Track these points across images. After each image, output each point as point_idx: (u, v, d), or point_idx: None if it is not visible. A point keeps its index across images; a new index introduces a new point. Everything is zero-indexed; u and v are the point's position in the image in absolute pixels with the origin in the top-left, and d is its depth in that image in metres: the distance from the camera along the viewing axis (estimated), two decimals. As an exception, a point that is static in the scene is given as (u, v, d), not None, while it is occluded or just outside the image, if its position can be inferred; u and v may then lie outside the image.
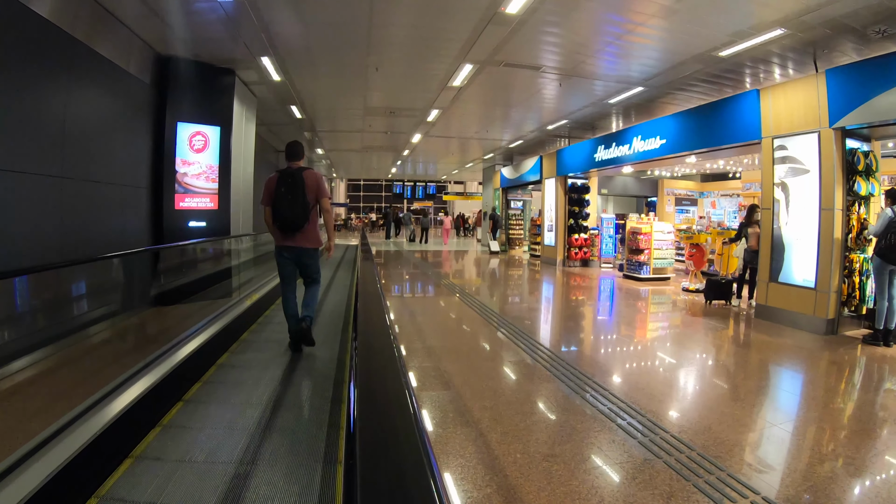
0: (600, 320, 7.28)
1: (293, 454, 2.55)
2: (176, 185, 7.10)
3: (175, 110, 7.17)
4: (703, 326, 6.93)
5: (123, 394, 2.71)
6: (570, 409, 3.48)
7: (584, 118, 11.50)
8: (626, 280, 11.21)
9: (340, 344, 4.51)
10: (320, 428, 2.82)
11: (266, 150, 15.21)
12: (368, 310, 2.45)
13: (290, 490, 2.24)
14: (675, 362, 4.95)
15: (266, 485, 2.29)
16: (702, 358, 5.23)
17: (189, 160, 7.21)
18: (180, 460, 2.49)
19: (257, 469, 2.41)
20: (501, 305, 8.17)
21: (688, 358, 5.17)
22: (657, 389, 3.94)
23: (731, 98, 8.24)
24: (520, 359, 4.71)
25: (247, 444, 2.64)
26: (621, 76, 8.44)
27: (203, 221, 7.29)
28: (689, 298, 9.15)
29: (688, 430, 3.17)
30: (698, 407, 3.75)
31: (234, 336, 4.63)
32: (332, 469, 2.40)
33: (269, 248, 10.42)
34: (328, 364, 3.95)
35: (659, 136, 9.72)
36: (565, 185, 13.52)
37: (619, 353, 5.23)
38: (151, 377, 2.97)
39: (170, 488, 2.24)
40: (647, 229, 11.11)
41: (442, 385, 3.89)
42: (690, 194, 21.42)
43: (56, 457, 2.10)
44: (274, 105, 10.13)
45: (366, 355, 1.68)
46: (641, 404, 3.55)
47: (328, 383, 3.49)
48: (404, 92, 9.23)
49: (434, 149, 16.91)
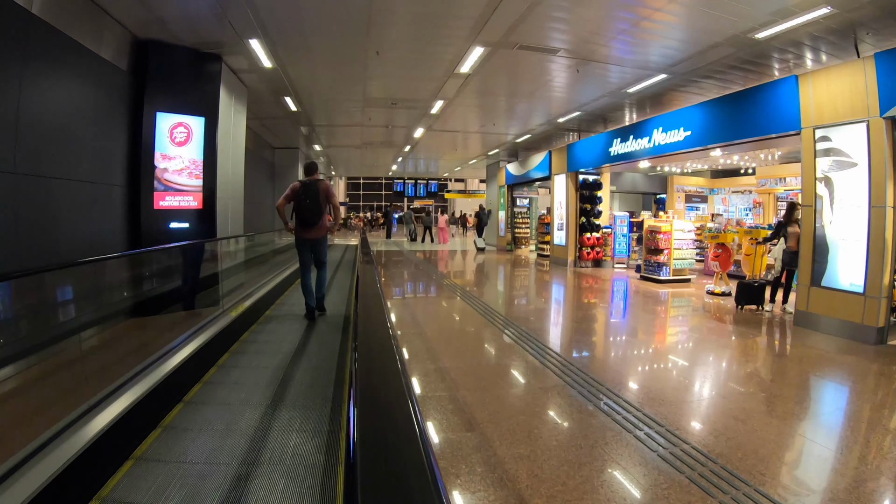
0: (625, 328, 6.58)
1: (315, 371, 4.06)
2: (155, 182, 6.39)
3: (154, 99, 6.45)
4: (734, 333, 6.33)
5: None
6: (602, 432, 2.79)
7: (597, 110, 10.79)
8: (643, 282, 10.52)
9: (344, 319, 6.00)
10: (332, 357, 4.42)
11: (261, 146, 14.49)
12: (370, 331, 2.14)
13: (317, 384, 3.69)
14: (712, 375, 4.43)
15: (298, 384, 3.70)
16: (735, 368, 4.75)
17: (170, 154, 6.50)
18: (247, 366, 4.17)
19: (296, 370, 4.04)
20: (520, 313, 7.46)
21: (721, 369, 4.70)
22: (705, 412, 3.25)
23: (766, 86, 7.54)
24: (559, 390, 4.01)
25: (287, 361, 4.29)
26: (643, 61, 7.74)
27: (186, 222, 6.58)
28: (714, 302, 8.49)
29: (732, 459, 2.48)
30: (734, 423, 3.27)
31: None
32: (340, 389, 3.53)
33: (263, 251, 9.83)
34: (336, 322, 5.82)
35: (682, 127, 9.00)
36: (576, 182, 12.81)
37: (658, 369, 4.54)
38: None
39: (245, 378, 3.83)
40: (667, 228, 10.42)
41: (464, 426, 3.20)
42: (700, 191, 20.82)
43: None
44: (266, 96, 9.40)
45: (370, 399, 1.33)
46: (688, 432, 2.86)
47: (337, 333, 5.32)
48: (407, 80, 8.51)
49: (437, 144, 16.18)
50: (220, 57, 7.13)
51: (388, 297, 8.33)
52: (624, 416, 3.30)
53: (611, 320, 7.13)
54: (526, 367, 4.44)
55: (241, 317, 5.15)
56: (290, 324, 5.72)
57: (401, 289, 9.80)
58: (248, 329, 5.50)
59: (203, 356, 4.03)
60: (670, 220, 10.60)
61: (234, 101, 7.97)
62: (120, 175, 6.19)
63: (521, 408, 3.49)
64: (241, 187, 8.25)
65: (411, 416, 1.07)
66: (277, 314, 6.42)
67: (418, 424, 1.03)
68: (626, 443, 2.93)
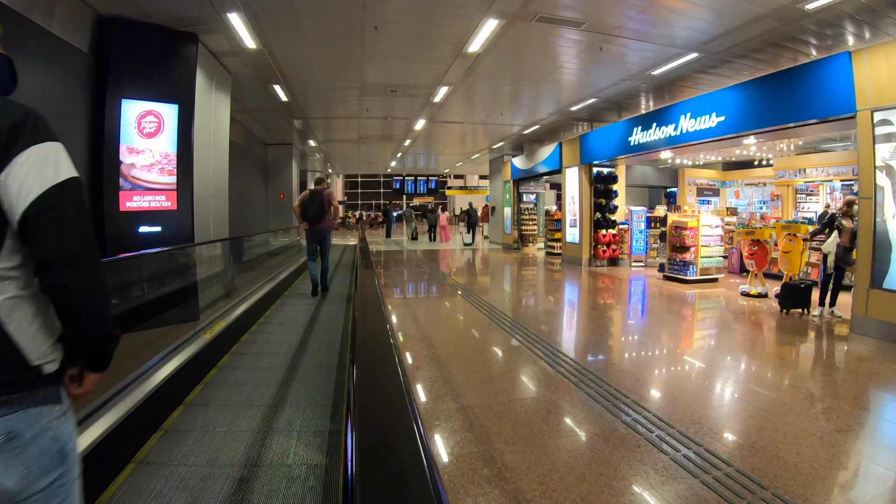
0: (662, 339, 5.71)
1: (329, 327, 5.68)
2: (120, 179, 5.52)
3: (119, 84, 5.57)
4: (784, 342, 5.62)
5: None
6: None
7: (614, 96, 9.91)
8: (668, 282, 9.67)
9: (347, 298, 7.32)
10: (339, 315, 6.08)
11: (252, 142, 13.61)
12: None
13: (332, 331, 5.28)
14: (767, 392, 3.81)
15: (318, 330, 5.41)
16: (788, 382, 4.19)
17: (137, 147, 5.62)
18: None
19: (315, 325, 5.63)
20: (548, 325, 6.61)
21: (772, 383, 4.13)
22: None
23: (812, 65, 6.71)
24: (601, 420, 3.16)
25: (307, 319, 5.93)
26: (673, 38, 6.88)
27: (157, 226, 5.71)
28: (751, 304, 7.67)
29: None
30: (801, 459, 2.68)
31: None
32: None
33: (255, 254, 9.21)
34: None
35: (715, 112, 8.13)
36: (590, 175, 11.93)
37: (712, 392, 3.69)
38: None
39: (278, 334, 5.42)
40: (694, 223, 9.56)
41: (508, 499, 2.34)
42: (712, 184, 20.06)
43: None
44: (254, 84, 8.51)
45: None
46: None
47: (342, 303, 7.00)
48: (408, 62, 7.61)
49: (438, 138, 15.29)
50: (196, 36, 6.24)
51: (391, 300, 7.49)
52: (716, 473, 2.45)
53: (645, 330, 6.26)
54: (581, 413, 3.58)
55: (219, 337, 4.29)
56: (303, 301, 7.36)
57: (405, 294, 8.94)
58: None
59: (161, 397, 3.16)
60: (697, 215, 9.74)
61: (216, 88, 7.08)
62: (79, 172, 5.30)
63: (580, 473, 2.63)
64: (225, 185, 7.37)
65: (419, 451, 0.92)
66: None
67: (428, 463, 0.88)
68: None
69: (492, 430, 2.98)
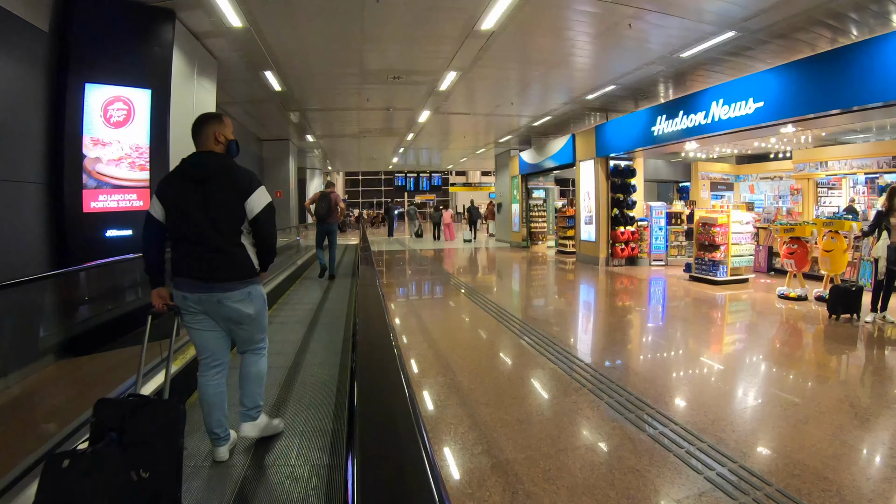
0: (705, 350, 4.95)
1: (338, 299, 6.83)
2: (84, 176, 4.77)
3: (82, 66, 4.81)
4: (833, 351, 5.07)
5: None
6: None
7: (636, 83, 9.14)
8: (696, 283, 8.91)
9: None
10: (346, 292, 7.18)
11: (246, 137, 12.85)
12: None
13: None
14: (839, 418, 3.24)
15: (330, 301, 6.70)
16: (842, 396, 3.66)
17: (103, 139, 4.87)
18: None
19: (325, 302, 6.58)
20: (583, 340, 5.86)
21: (827, 396, 3.68)
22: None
23: (869, 42, 5.95)
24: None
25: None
26: (709, 13, 6.12)
27: (128, 229, 4.96)
28: (791, 308, 6.95)
29: None
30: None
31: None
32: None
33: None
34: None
35: (752, 97, 7.35)
36: (607, 169, 11.14)
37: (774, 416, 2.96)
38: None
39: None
40: (724, 220, 8.79)
41: None
42: (726, 178, 19.32)
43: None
44: (242, 71, 7.75)
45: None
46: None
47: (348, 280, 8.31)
48: (413, 44, 6.83)
49: (443, 131, 14.51)
50: (173, 13, 5.48)
51: (395, 304, 6.76)
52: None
53: (683, 341, 5.50)
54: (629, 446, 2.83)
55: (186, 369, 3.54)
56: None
57: (420, 317, 8.20)
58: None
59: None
60: (727, 211, 8.96)
61: (199, 74, 6.32)
62: (35, 169, 4.56)
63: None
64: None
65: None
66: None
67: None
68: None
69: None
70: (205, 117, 2.43)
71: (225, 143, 2.42)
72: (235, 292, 2.35)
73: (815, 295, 7.40)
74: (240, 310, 2.38)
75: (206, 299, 2.32)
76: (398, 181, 27.11)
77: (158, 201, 2.31)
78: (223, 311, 2.36)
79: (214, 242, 2.29)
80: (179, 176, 2.34)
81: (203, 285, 2.30)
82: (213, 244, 2.29)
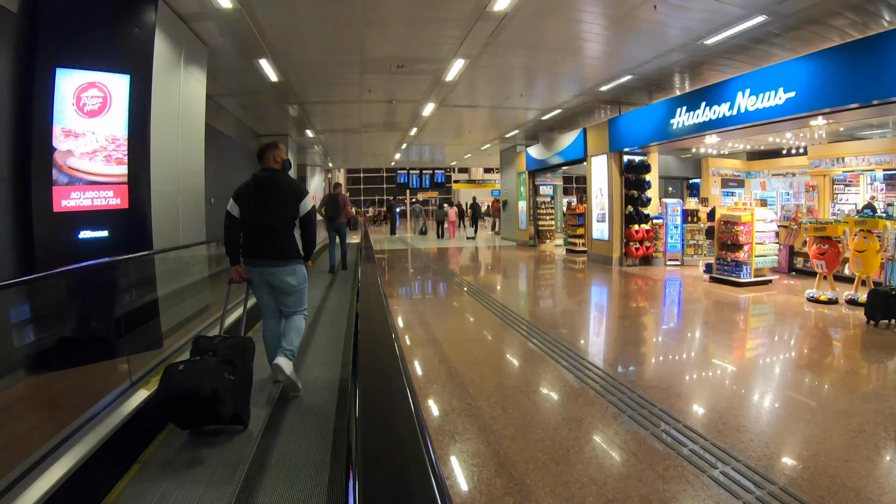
0: (738, 362, 4.46)
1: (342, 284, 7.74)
2: (54, 171, 4.27)
3: (52, 49, 4.31)
4: (873, 359, 4.64)
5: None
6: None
7: (654, 73, 8.61)
8: (717, 285, 8.41)
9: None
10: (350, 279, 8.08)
11: (244, 133, 12.34)
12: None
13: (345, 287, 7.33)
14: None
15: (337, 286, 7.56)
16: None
17: (76, 130, 4.37)
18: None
19: (333, 287, 7.53)
20: (613, 355, 5.37)
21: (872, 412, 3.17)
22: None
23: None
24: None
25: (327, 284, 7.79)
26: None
27: (104, 229, 4.46)
28: (823, 312, 6.49)
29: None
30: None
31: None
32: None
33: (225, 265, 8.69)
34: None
35: (782, 87, 6.82)
36: (621, 164, 10.61)
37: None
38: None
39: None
40: (748, 218, 8.27)
41: None
42: (737, 174, 18.80)
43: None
44: (236, 60, 7.23)
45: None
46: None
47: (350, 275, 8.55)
48: (419, 26, 6.30)
49: (447, 126, 13.97)
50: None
51: (401, 309, 6.28)
52: None
53: (721, 353, 4.99)
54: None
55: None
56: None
57: (425, 313, 7.71)
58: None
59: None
60: (751, 208, 8.44)
61: (186, 61, 5.81)
62: (0, 163, 4.07)
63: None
64: (200, 179, 6.12)
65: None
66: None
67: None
68: None
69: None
70: (266, 145, 3.32)
71: (280, 162, 3.28)
72: (285, 268, 3.20)
73: (845, 298, 6.92)
74: (287, 281, 3.21)
75: (265, 272, 3.21)
76: (400, 178, 26.59)
77: (235, 203, 3.20)
78: (275, 281, 3.22)
79: (274, 233, 3.18)
80: (252, 184, 3.22)
81: (264, 262, 3.19)
82: (273, 234, 3.17)
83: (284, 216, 3.19)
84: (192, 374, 2.46)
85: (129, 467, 2.43)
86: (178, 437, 2.62)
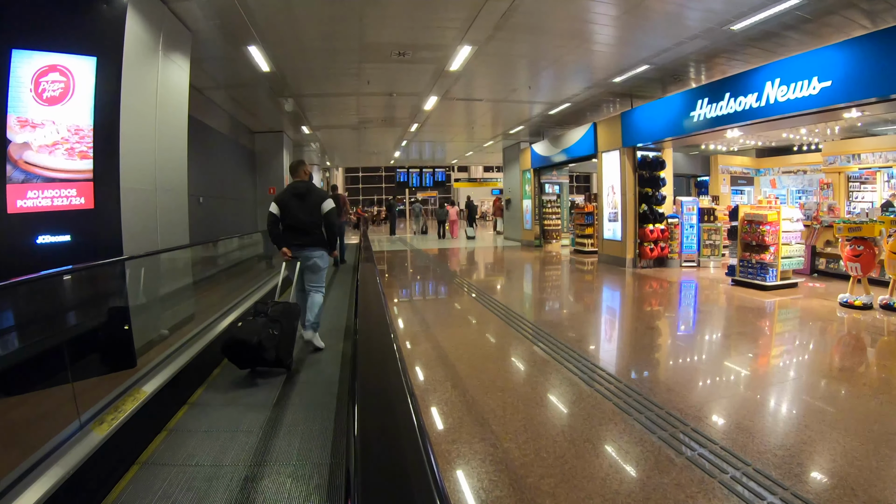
0: (782, 377, 3.91)
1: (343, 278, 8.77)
2: (8, 166, 3.72)
3: (8, 27, 3.77)
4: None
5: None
6: None
7: (672, 62, 8.07)
8: (740, 288, 7.87)
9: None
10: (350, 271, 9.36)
11: (237, 130, 11.79)
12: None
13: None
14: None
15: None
16: None
17: (34, 119, 3.81)
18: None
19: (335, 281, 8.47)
20: (652, 374, 4.82)
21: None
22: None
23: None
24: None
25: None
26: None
27: (66, 233, 3.91)
28: (856, 318, 6.00)
29: None
30: None
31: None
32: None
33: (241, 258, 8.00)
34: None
35: (816, 77, 6.28)
36: (634, 160, 10.07)
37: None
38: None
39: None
40: (773, 217, 7.73)
41: None
42: (746, 171, 18.33)
43: None
44: (224, 47, 6.66)
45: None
46: None
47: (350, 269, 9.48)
48: (424, 7, 5.75)
49: (449, 122, 13.41)
50: (127, -36, 4.41)
51: (404, 319, 5.74)
52: None
53: (763, 367, 4.45)
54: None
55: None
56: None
57: (448, 343, 7.16)
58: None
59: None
60: (777, 207, 7.91)
61: (165, 45, 5.24)
62: (-58, 156, 3.52)
63: None
64: (182, 176, 5.55)
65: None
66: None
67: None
68: None
69: None
70: (299, 161, 4.60)
71: (308, 175, 4.56)
72: (315, 251, 4.40)
73: (880, 303, 6.41)
74: (315, 261, 4.41)
75: (299, 255, 4.38)
76: (400, 177, 26.00)
77: (277, 206, 4.37)
78: (307, 262, 4.41)
79: (306, 228, 4.35)
80: (289, 192, 4.42)
81: (300, 248, 4.36)
82: (305, 229, 4.35)
83: (314, 215, 4.35)
84: (245, 329, 3.62)
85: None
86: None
